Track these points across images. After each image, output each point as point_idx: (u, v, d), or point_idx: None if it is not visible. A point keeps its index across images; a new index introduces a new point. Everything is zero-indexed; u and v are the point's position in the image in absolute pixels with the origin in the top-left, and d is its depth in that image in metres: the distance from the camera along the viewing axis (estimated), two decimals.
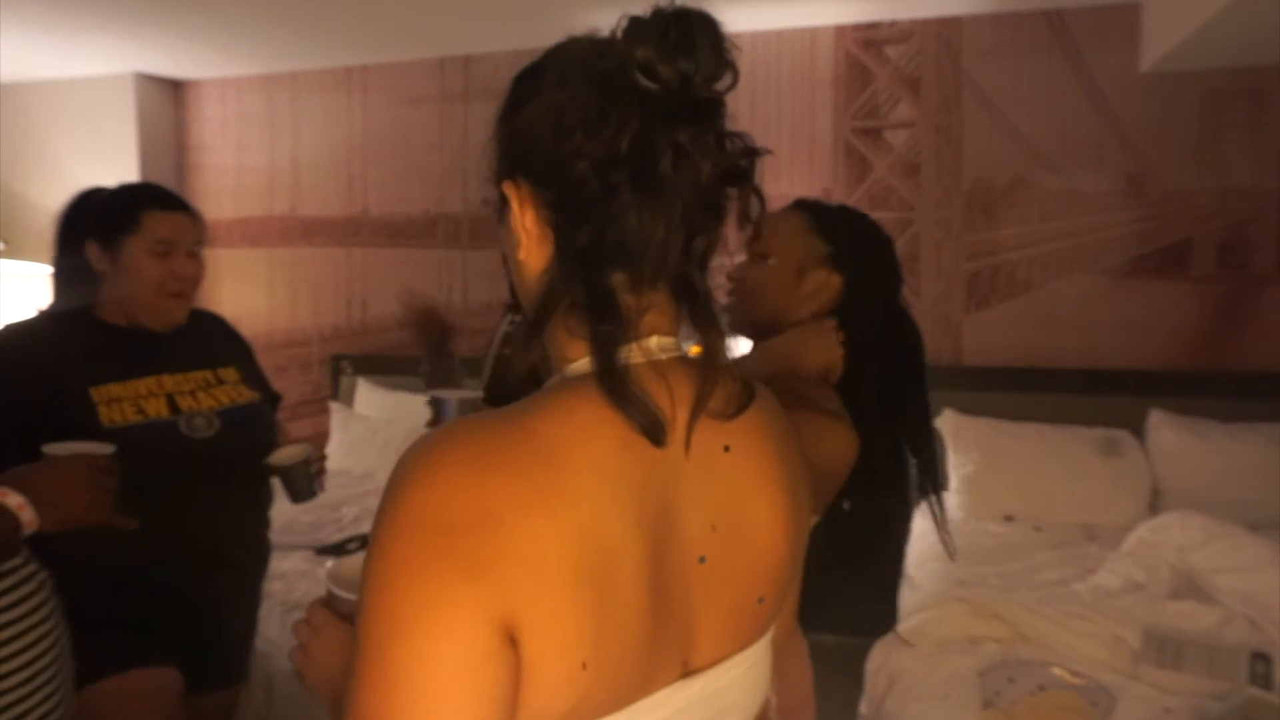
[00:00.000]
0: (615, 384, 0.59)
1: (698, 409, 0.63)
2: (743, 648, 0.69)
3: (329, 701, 0.69)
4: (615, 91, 0.60)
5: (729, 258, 0.96)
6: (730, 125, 0.65)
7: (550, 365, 0.67)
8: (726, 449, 0.67)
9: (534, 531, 0.54)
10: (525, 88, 0.66)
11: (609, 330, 0.61)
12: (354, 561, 1.23)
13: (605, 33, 0.64)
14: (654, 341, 0.65)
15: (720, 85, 0.63)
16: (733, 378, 0.66)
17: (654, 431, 0.60)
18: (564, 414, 0.60)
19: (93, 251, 1.55)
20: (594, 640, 0.56)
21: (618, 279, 0.62)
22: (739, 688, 0.70)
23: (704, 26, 0.61)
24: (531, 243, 0.65)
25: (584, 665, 0.56)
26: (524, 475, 0.56)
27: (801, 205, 1.33)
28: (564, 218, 0.63)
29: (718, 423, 0.66)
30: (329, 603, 0.76)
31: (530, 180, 0.64)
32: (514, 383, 0.67)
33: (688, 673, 0.65)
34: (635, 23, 0.62)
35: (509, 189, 0.66)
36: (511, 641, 0.54)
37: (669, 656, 0.63)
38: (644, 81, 0.60)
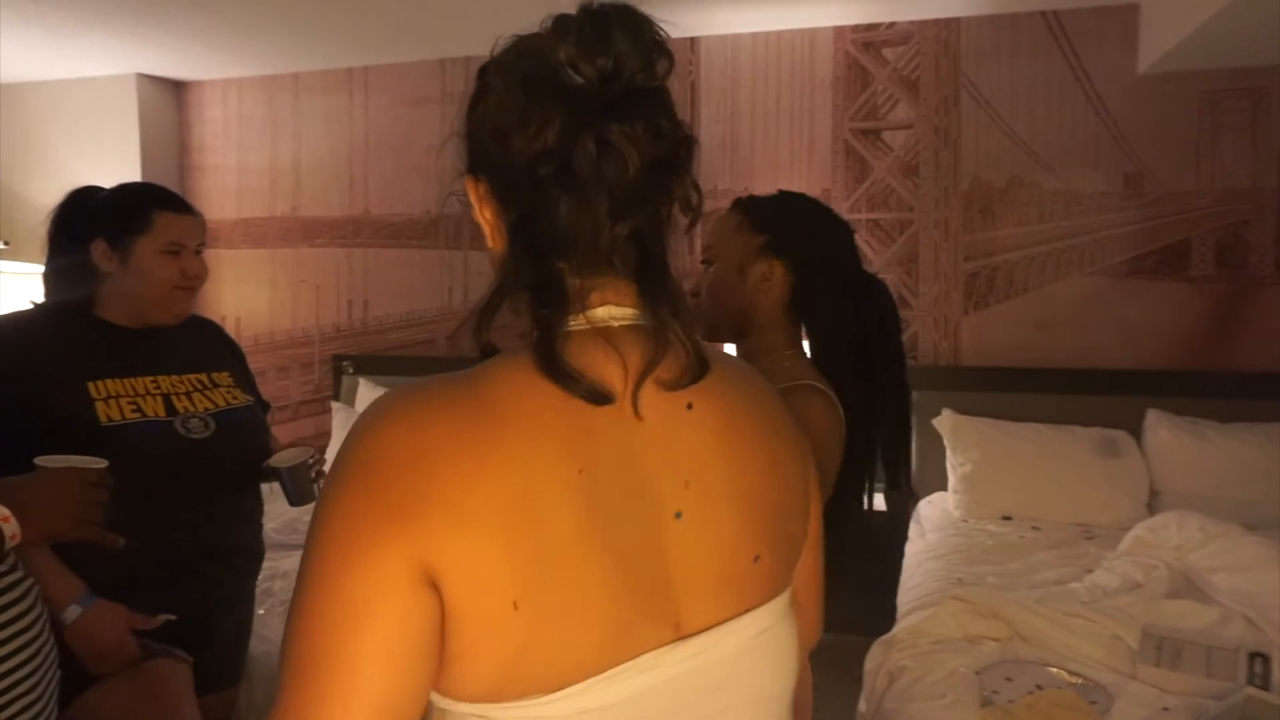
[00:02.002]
0: (548, 350, 0.62)
1: (644, 375, 0.64)
2: (746, 609, 0.68)
3: None
4: (538, 90, 0.62)
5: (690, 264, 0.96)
6: (676, 115, 0.65)
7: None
8: (690, 406, 0.67)
9: (461, 477, 0.57)
10: (478, 87, 0.68)
11: (548, 313, 0.64)
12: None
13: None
14: (602, 310, 0.65)
15: (658, 72, 0.63)
16: (686, 349, 0.66)
17: (590, 396, 0.62)
18: (504, 375, 0.63)
19: (99, 250, 1.54)
20: (524, 581, 0.57)
21: (562, 265, 0.64)
22: (747, 655, 0.68)
23: (621, 21, 0.62)
24: (493, 233, 0.69)
25: (515, 604, 0.57)
26: (458, 425, 0.59)
27: (737, 204, 1.36)
28: (509, 210, 0.66)
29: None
30: None
31: (485, 175, 0.68)
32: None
33: (681, 637, 0.65)
34: (559, 21, 0.63)
35: (469, 184, 0.70)
36: (431, 585, 0.56)
37: (651, 615, 0.63)
38: (572, 78, 0.61)
